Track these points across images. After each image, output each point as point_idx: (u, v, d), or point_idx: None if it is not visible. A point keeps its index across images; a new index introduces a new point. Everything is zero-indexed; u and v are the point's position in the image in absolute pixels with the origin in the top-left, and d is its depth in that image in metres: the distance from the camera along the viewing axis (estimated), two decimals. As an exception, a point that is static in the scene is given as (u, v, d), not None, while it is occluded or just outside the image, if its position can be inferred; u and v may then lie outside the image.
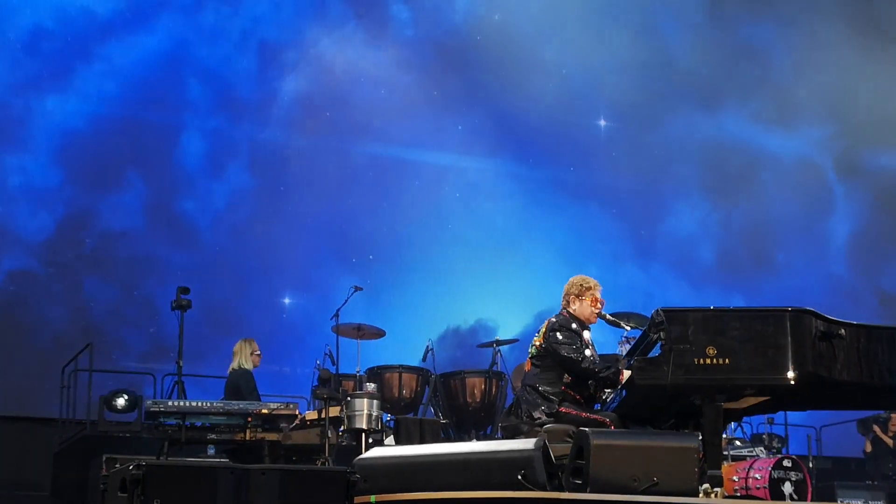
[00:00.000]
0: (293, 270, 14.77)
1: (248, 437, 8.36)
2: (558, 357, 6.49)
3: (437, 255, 14.98)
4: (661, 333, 5.80)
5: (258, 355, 9.50)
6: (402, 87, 15.58)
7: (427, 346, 10.59)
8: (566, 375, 6.54)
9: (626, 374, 6.36)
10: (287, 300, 14.69)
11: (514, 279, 14.73)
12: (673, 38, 16.73)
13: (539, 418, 6.46)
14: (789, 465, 8.86)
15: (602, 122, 16.78)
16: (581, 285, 6.74)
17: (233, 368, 9.40)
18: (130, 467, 4.93)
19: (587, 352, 6.57)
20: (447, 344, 13.94)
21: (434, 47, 15.95)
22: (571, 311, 6.71)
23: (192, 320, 13.35)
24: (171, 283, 13.39)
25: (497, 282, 14.57)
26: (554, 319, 6.67)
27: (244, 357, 9.39)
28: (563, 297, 6.80)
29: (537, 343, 6.68)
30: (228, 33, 15.27)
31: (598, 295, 6.79)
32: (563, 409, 6.44)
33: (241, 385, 9.20)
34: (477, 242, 15.17)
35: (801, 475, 8.86)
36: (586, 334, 6.71)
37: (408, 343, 11.91)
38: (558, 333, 6.54)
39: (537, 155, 16.26)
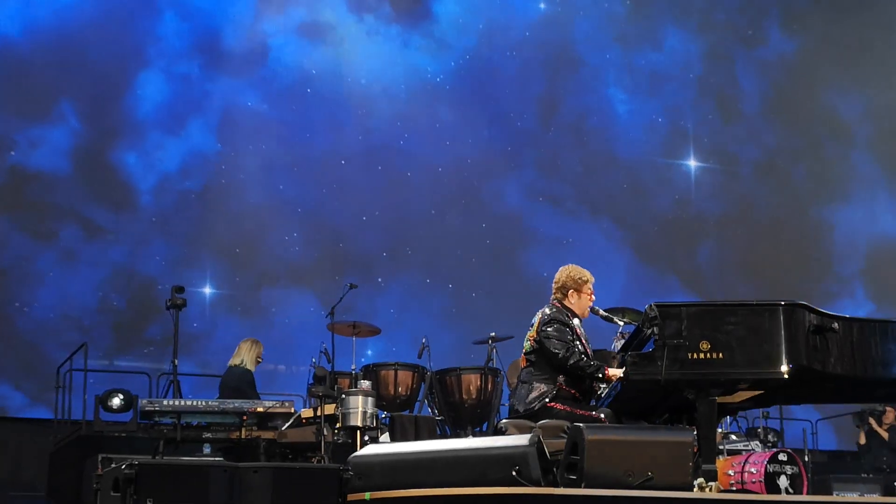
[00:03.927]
0: (237, 259, 12.62)
1: (243, 436, 8.37)
2: (546, 351, 6.45)
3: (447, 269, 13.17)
4: (655, 328, 5.80)
5: (259, 361, 9.51)
6: (432, 91, 13.43)
7: (423, 343, 10.57)
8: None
9: (614, 372, 6.36)
10: (208, 290, 12.45)
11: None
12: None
13: (528, 406, 6.41)
14: (785, 458, 8.86)
15: (692, 163, 14.40)
16: (579, 279, 6.66)
17: (234, 364, 9.39)
18: (123, 467, 4.93)
19: (578, 345, 6.50)
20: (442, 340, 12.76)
21: (481, 53, 13.77)
22: (568, 304, 6.67)
23: (110, 297, 11.85)
24: (93, 244, 12.01)
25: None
26: (548, 311, 6.59)
27: (249, 358, 9.39)
28: (557, 289, 6.68)
29: (532, 337, 6.60)
30: (224, -34, 12.99)
31: (592, 288, 6.75)
32: (558, 406, 6.40)
33: (241, 384, 9.21)
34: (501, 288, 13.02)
35: (796, 469, 8.85)
36: (576, 322, 6.64)
37: (403, 340, 11.85)
38: (549, 327, 6.47)
39: (606, 204, 13.82)
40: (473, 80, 13.97)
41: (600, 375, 6.38)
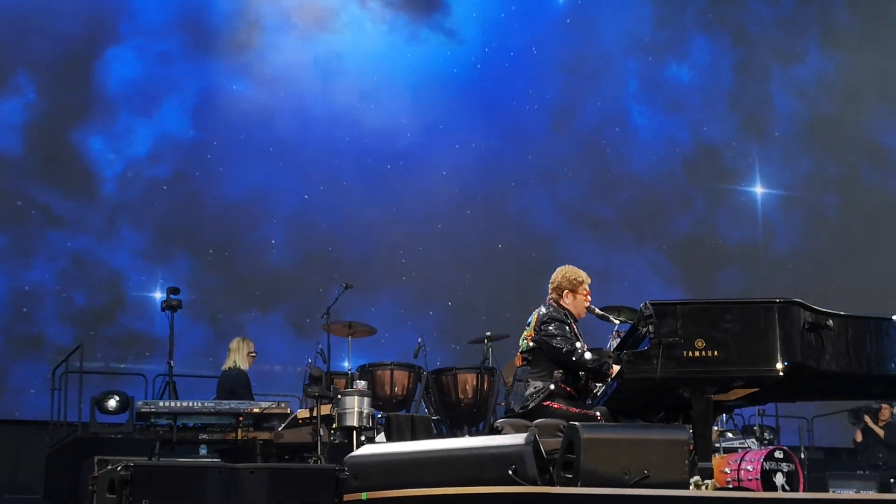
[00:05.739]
0: (209, 259, 11.62)
1: (239, 437, 8.37)
2: (549, 349, 6.46)
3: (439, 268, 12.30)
4: (650, 327, 5.81)
5: (253, 356, 9.50)
6: (439, 88, 12.48)
7: (419, 343, 10.56)
8: (557, 369, 6.50)
9: (617, 368, 6.37)
10: (157, 295, 11.07)
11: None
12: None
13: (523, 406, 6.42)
14: (781, 456, 8.87)
15: (759, 190, 13.65)
16: (575, 279, 6.69)
17: (228, 367, 9.38)
18: (118, 468, 4.93)
19: (578, 343, 6.53)
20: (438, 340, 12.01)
21: (494, 49, 12.77)
22: (564, 304, 6.68)
23: (66, 291, 10.95)
24: (47, 234, 11.10)
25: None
26: (544, 311, 6.61)
27: (241, 357, 9.38)
28: (553, 290, 6.72)
29: (529, 336, 6.62)
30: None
31: (588, 288, 6.77)
32: (554, 405, 6.41)
33: (236, 386, 9.20)
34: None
35: (792, 466, 8.87)
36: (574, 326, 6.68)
37: (399, 340, 11.80)
38: (549, 326, 6.49)
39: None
40: (485, 79, 13.12)
41: (604, 372, 6.39)
